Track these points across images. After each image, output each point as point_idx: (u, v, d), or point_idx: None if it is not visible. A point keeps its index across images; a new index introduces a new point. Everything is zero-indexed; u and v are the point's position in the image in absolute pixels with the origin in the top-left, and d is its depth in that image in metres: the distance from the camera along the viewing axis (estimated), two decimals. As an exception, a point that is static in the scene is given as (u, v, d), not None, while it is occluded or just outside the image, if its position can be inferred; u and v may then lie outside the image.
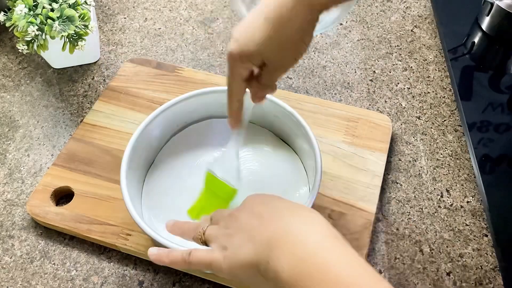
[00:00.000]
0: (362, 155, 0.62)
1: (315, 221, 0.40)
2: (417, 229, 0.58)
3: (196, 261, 0.43)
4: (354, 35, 0.80)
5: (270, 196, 0.45)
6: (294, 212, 0.41)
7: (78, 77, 0.75)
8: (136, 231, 0.55)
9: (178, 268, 0.46)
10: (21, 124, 0.70)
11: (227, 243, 0.42)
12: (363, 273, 0.36)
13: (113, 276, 0.55)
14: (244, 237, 0.41)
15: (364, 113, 0.66)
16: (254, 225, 0.41)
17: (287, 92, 0.70)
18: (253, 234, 0.40)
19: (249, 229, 0.41)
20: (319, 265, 0.36)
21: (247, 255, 0.40)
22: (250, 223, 0.42)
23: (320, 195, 0.58)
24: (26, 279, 0.55)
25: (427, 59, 0.76)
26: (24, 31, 0.63)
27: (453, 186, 0.61)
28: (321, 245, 0.38)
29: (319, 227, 0.40)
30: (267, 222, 0.41)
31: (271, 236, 0.39)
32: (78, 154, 0.63)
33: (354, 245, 0.53)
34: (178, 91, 0.69)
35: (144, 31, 0.82)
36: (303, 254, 0.37)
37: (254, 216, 0.42)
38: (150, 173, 0.60)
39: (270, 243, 0.39)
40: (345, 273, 0.35)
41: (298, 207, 0.42)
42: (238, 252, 0.41)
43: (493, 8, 0.75)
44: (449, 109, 0.69)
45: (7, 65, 0.77)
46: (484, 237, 0.57)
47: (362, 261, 0.37)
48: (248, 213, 0.43)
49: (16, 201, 0.61)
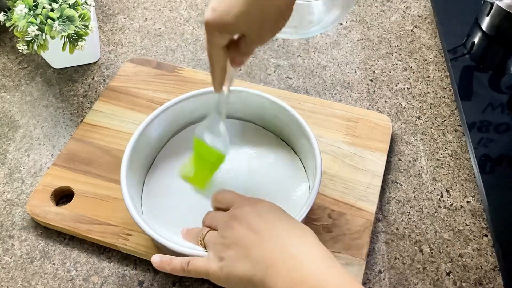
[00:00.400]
0: (362, 155, 0.62)
1: (309, 241, 0.42)
2: (417, 229, 0.58)
3: (194, 271, 0.45)
4: (354, 35, 0.80)
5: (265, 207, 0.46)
6: (290, 232, 0.42)
7: (78, 77, 0.75)
8: (136, 231, 0.55)
9: (178, 275, 0.47)
10: (21, 124, 0.70)
11: (224, 253, 0.43)
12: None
13: (113, 276, 0.55)
14: (240, 251, 0.42)
15: (364, 113, 0.66)
16: (251, 240, 0.42)
17: (287, 92, 0.70)
18: (249, 250, 0.41)
19: (246, 244, 0.42)
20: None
21: (243, 270, 0.41)
22: (247, 237, 0.43)
23: (320, 195, 0.58)
24: (26, 279, 0.55)
25: (427, 59, 0.76)
26: (24, 31, 0.63)
27: (453, 186, 0.61)
28: (317, 268, 0.39)
29: (313, 248, 0.41)
30: (264, 239, 0.42)
31: (268, 255, 0.40)
32: (78, 154, 0.63)
33: (354, 245, 0.54)
34: (178, 91, 0.69)
35: (144, 31, 0.82)
36: (299, 277, 0.38)
37: (251, 230, 0.43)
38: (150, 173, 0.60)
39: (266, 262, 0.40)
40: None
41: (293, 225, 0.44)
42: (235, 265, 0.42)
43: (493, 8, 0.75)
44: (449, 109, 0.69)
45: (7, 65, 0.77)
46: (484, 237, 0.57)
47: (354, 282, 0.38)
48: (245, 225, 0.44)
49: (16, 201, 0.61)
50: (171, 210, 0.57)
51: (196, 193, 0.58)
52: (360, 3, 0.85)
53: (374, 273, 0.54)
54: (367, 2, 0.85)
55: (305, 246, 0.41)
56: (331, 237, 0.55)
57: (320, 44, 0.79)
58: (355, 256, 0.53)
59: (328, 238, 0.55)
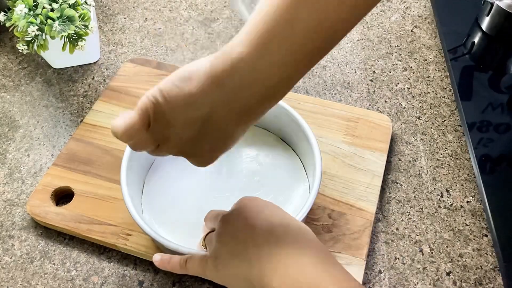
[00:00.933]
0: (362, 155, 0.62)
1: (308, 237, 0.41)
2: (417, 229, 0.58)
3: (191, 269, 0.45)
4: (354, 35, 0.80)
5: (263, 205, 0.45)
6: (287, 229, 0.41)
7: (78, 77, 0.75)
8: (136, 231, 0.55)
9: (178, 273, 0.47)
10: (21, 124, 0.70)
11: (220, 250, 0.42)
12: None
13: (113, 276, 0.55)
14: (236, 248, 0.41)
15: (364, 113, 0.66)
16: (246, 237, 0.41)
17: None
18: (245, 247, 0.41)
19: (242, 241, 0.41)
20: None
21: (239, 268, 0.40)
22: (243, 234, 0.42)
23: (320, 195, 0.58)
24: (26, 279, 0.55)
25: (427, 59, 0.76)
26: (24, 31, 0.63)
27: (453, 186, 0.61)
28: (314, 265, 0.38)
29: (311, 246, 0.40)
30: (260, 236, 0.41)
31: (264, 252, 0.39)
32: (78, 154, 0.63)
33: (354, 245, 0.54)
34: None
35: (144, 31, 0.82)
36: (296, 274, 0.37)
37: (247, 227, 0.42)
38: (150, 173, 0.60)
39: (262, 259, 0.39)
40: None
41: (290, 222, 0.42)
42: (230, 263, 0.41)
43: (493, 8, 0.75)
44: (449, 109, 0.69)
45: (7, 65, 0.78)
46: (484, 237, 0.57)
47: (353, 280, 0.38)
48: (241, 222, 0.43)
49: (16, 201, 0.61)
50: (171, 210, 0.57)
51: (196, 193, 0.58)
52: (360, 3, 0.85)
53: (374, 273, 0.54)
54: (367, 2, 0.85)
55: (302, 244, 0.40)
56: (331, 237, 0.55)
57: (320, 44, 0.79)
58: (355, 256, 0.53)
59: (328, 238, 0.55)
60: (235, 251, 0.41)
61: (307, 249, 0.39)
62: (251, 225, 0.42)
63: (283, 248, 0.39)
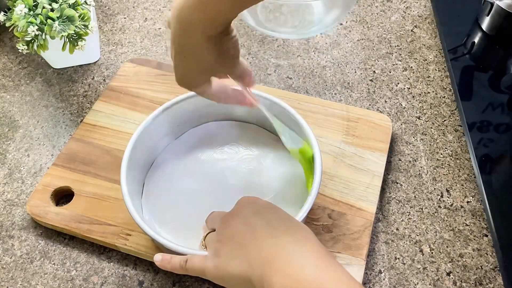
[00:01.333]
0: (362, 155, 0.62)
1: (308, 237, 0.41)
2: (417, 229, 0.58)
3: (191, 269, 0.44)
4: (354, 35, 0.80)
5: (263, 205, 0.45)
6: (287, 229, 0.41)
7: (78, 77, 0.75)
8: (136, 231, 0.55)
9: (178, 273, 0.46)
10: (21, 124, 0.70)
11: (220, 251, 0.42)
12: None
13: (113, 276, 0.55)
14: (236, 248, 0.41)
15: (364, 113, 0.66)
16: (246, 237, 0.41)
17: (287, 92, 0.70)
18: (246, 247, 0.41)
19: (242, 241, 0.41)
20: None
21: (238, 268, 0.40)
22: (242, 234, 0.42)
23: (320, 195, 0.58)
24: (26, 279, 0.55)
25: (427, 59, 0.76)
26: (24, 31, 0.63)
27: (453, 186, 0.61)
28: (314, 266, 0.38)
29: (311, 246, 0.40)
30: (260, 237, 0.41)
31: (264, 252, 0.40)
32: (78, 154, 0.63)
33: (354, 245, 0.54)
34: (178, 91, 0.69)
35: (144, 31, 0.82)
36: (296, 274, 0.37)
37: (247, 227, 0.42)
38: (151, 174, 0.60)
39: (262, 259, 0.39)
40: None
41: (290, 222, 0.43)
42: (230, 263, 0.41)
43: (493, 8, 0.75)
44: (449, 109, 0.69)
45: (7, 65, 0.77)
46: (484, 237, 0.57)
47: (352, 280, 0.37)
48: (240, 222, 0.43)
49: (16, 201, 0.61)
50: (171, 210, 0.57)
51: (196, 193, 0.58)
52: (360, 3, 0.85)
53: (374, 273, 0.54)
54: (367, 2, 0.85)
55: (302, 244, 0.40)
56: (331, 237, 0.55)
57: (320, 44, 0.79)
58: (355, 256, 0.53)
59: (328, 238, 0.55)
60: (235, 251, 0.41)
61: (307, 250, 0.39)
62: (251, 225, 0.42)
63: (283, 249, 0.39)
